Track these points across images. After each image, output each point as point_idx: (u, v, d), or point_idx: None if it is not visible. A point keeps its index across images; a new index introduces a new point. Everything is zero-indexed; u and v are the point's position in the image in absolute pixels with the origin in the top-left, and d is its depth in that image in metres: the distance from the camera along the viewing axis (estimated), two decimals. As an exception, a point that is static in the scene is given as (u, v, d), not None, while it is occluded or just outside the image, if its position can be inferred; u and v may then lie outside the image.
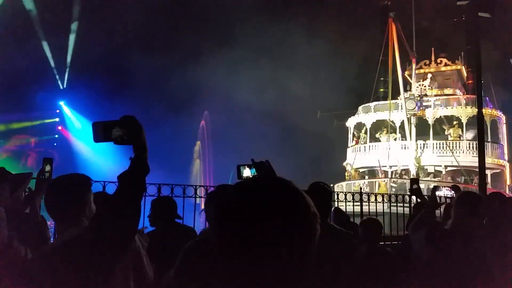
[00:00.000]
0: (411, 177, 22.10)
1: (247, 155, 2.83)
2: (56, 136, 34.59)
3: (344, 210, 5.79)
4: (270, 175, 2.28)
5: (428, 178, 21.34)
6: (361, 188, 14.53)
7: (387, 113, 23.45)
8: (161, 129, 27.85)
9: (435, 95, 23.59)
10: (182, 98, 33.00)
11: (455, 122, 22.32)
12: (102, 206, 1.93)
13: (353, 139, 25.19)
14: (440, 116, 22.47)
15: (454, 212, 3.11)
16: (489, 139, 22.17)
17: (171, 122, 30.77)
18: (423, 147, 22.54)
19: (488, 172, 21.86)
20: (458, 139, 22.15)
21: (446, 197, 5.20)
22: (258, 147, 27.64)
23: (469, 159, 21.66)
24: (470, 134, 23.69)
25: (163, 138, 28.20)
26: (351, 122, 24.99)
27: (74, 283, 1.72)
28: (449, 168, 22.05)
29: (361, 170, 23.67)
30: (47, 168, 3.29)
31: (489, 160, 21.76)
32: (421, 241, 3.14)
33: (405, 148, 22.57)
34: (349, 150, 25.01)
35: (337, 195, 6.66)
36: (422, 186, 20.14)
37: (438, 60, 27.43)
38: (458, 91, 24.64)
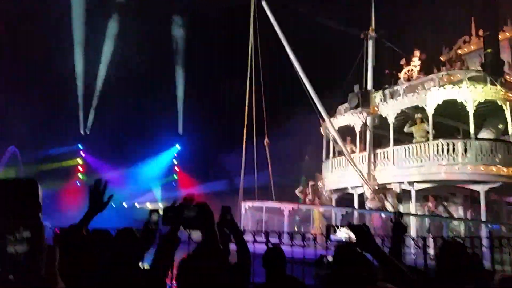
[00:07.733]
0: (365, 200, 15.37)
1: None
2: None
3: None
4: (370, 241, 2.20)
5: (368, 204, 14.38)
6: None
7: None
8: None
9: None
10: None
11: (417, 116, 14.56)
12: None
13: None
14: (403, 110, 15.02)
15: None
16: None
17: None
18: (381, 156, 15.42)
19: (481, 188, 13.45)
20: (423, 138, 14.28)
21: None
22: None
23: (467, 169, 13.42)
24: (486, 133, 15.07)
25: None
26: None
27: None
28: (419, 186, 14.26)
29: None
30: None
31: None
32: None
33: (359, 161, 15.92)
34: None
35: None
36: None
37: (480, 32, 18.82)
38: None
